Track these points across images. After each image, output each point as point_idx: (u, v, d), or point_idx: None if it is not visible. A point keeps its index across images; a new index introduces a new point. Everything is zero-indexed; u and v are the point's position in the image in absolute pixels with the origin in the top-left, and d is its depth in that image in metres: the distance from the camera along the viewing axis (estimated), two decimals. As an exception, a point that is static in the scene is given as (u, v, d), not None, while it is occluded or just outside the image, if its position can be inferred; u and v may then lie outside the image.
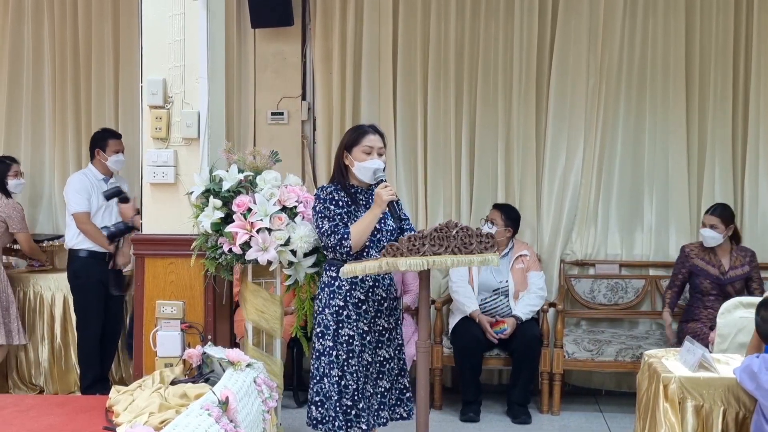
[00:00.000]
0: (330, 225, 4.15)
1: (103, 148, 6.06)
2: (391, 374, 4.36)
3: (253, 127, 6.84)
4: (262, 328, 4.56)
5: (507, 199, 6.54)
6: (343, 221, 4.17)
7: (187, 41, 4.66)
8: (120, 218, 5.94)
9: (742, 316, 4.37)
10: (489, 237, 4.05)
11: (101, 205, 6.01)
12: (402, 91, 6.66)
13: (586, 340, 6.10)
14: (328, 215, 4.16)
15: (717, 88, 6.46)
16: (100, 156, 6.06)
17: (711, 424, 3.72)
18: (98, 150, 6.07)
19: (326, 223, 4.16)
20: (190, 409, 3.22)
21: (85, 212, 5.93)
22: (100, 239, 5.93)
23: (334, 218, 4.16)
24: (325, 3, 6.67)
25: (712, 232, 5.77)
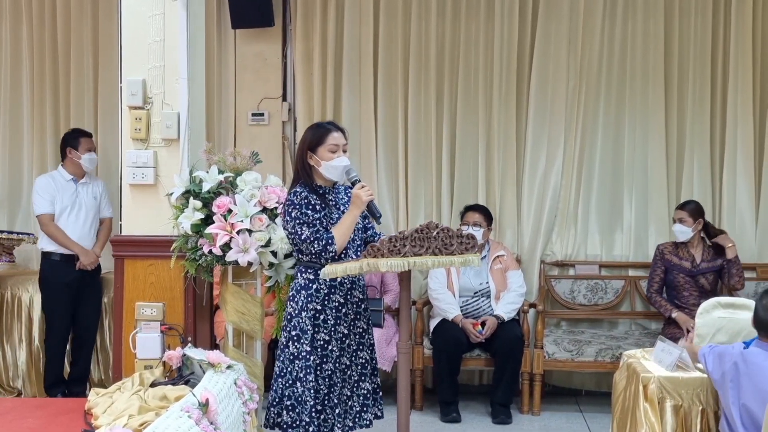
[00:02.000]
0: (311, 231, 4.09)
1: (75, 146, 6.02)
2: (369, 375, 4.35)
3: (234, 128, 6.82)
4: (242, 329, 4.55)
5: (488, 200, 6.55)
6: (323, 225, 4.13)
7: (167, 42, 4.65)
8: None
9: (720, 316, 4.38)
10: (470, 238, 4.06)
11: (66, 205, 5.97)
12: (383, 91, 6.66)
13: (566, 340, 6.12)
14: (307, 221, 4.10)
15: (695, 89, 6.50)
16: (72, 155, 6.02)
17: (690, 423, 3.75)
18: (70, 149, 6.03)
19: (306, 230, 4.09)
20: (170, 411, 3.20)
21: (47, 214, 5.90)
22: (64, 240, 5.90)
23: (314, 223, 4.10)
24: (306, 4, 6.66)
25: (681, 226, 5.88)
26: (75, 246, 5.94)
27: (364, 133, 6.61)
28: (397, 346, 4.28)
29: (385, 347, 5.94)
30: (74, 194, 6.01)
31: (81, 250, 5.95)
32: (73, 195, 6.01)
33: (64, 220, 5.95)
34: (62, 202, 5.95)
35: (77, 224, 5.99)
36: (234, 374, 3.90)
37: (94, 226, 6.11)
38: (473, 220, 6.10)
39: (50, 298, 5.98)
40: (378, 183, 6.62)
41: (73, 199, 6.00)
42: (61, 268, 5.93)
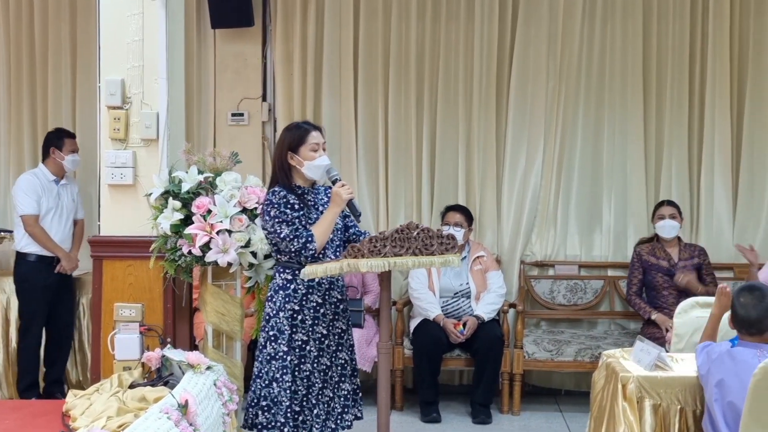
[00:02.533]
0: (290, 230, 4.09)
1: (59, 147, 5.99)
2: (349, 376, 4.35)
3: (213, 128, 6.80)
4: (222, 330, 4.54)
5: (468, 201, 6.56)
6: (302, 224, 4.13)
7: (146, 41, 4.63)
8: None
9: (698, 316, 4.42)
10: (450, 238, 4.06)
11: (51, 207, 5.93)
12: (363, 92, 6.66)
13: (545, 340, 6.14)
14: (286, 220, 4.10)
15: (674, 90, 6.54)
16: (55, 155, 5.99)
17: (669, 422, 3.77)
18: (53, 149, 5.99)
19: (285, 228, 4.09)
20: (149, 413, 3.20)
21: (33, 215, 5.84)
22: (48, 243, 5.85)
23: (293, 222, 4.10)
24: (286, 4, 6.65)
25: (673, 222, 5.96)
26: (59, 250, 5.90)
27: (345, 134, 6.61)
28: (378, 346, 4.28)
29: (366, 348, 5.94)
30: (57, 196, 5.98)
31: (64, 254, 5.93)
32: (56, 196, 5.98)
33: (48, 222, 5.90)
34: (47, 203, 5.91)
35: (60, 226, 5.96)
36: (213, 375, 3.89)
37: (71, 229, 6.09)
38: (454, 220, 6.11)
39: (28, 300, 5.92)
40: (358, 184, 6.61)
41: (56, 201, 5.96)
42: (40, 269, 5.88)
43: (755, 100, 6.49)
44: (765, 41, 6.45)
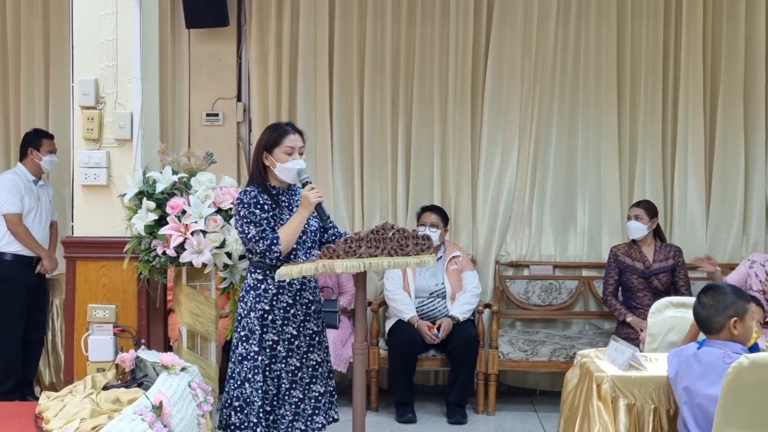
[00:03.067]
0: (257, 230, 4.08)
1: (37, 147, 5.96)
2: (322, 377, 4.35)
3: (188, 129, 6.78)
4: (196, 331, 4.52)
5: (443, 201, 6.57)
6: (270, 225, 4.11)
7: (120, 41, 4.60)
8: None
9: (672, 316, 4.46)
10: (425, 239, 4.07)
11: (32, 207, 5.90)
12: (338, 92, 6.65)
13: (520, 340, 6.16)
14: (254, 220, 4.09)
15: (647, 91, 6.58)
16: (33, 155, 5.96)
17: (643, 422, 3.80)
18: (32, 149, 5.96)
19: (253, 229, 4.08)
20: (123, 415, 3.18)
21: (17, 213, 5.81)
22: (30, 242, 5.82)
23: (261, 223, 4.09)
24: (261, 4, 6.63)
25: (637, 223, 5.94)
26: (41, 249, 5.88)
27: (320, 134, 6.60)
28: (353, 347, 4.27)
29: (341, 348, 5.93)
30: (37, 196, 5.95)
31: (46, 253, 5.91)
32: (36, 197, 5.95)
33: (29, 222, 5.88)
34: (29, 203, 5.88)
35: (40, 227, 5.94)
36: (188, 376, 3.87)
37: (49, 230, 6.07)
38: (430, 221, 6.11)
39: (8, 300, 5.87)
40: (333, 184, 6.61)
41: (36, 201, 5.94)
42: (18, 269, 5.85)
43: (728, 102, 6.53)
44: (737, 43, 6.51)
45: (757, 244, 6.53)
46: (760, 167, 6.56)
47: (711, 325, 3.68)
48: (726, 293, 3.69)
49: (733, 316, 3.63)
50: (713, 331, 3.68)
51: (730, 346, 3.58)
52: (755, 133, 6.55)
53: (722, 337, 3.64)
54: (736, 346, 3.60)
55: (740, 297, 3.71)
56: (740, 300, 3.69)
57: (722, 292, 3.70)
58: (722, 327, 3.64)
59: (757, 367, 3.28)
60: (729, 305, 3.65)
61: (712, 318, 3.67)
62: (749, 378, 3.28)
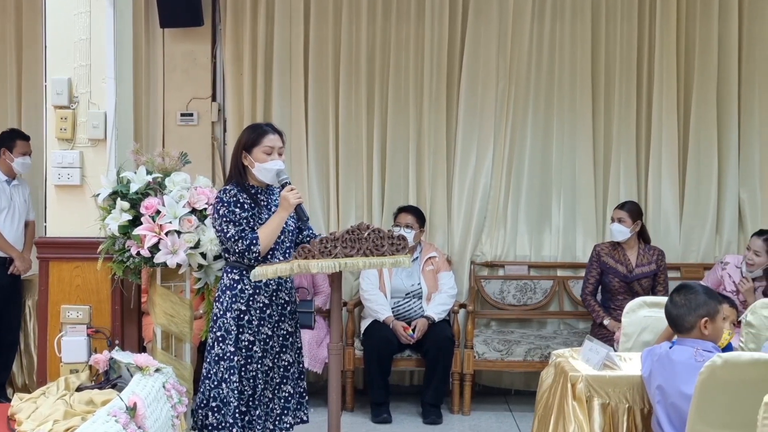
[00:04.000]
0: (237, 230, 4.08)
1: (10, 148, 5.92)
2: (293, 378, 4.35)
3: (162, 129, 6.74)
4: (171, 332, 4.50)
5: (418, 201, 6.58)
6: (249, 225, 4.12)
7: (94, 40, 4.57)
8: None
9: (646, 315, 4.49)
10: (400, 239, 4.08)
11: (4, 207, 5.85)
12: (313, 92, 6.64)
13: (495, 340, 6.18)
14: (233, 219, 4.10)
15: (622, 91, 6.62)
16: (5, 156, 5.92)
17: (617, 421, 3.82)
18: (5, 150, 5.93)
19: (232, 228, 4.09)
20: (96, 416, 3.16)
21: None
22: (1, 242, 5.77)
23: (240, 222, 4.10)
24: (236, 4, 6.61)
25: (620, 226, 5.93)
26: (12, 250, 5.83)
27: (295, 134, 6.58)
28: (328, 347, 4.28)
29: (316, 349, 5.93)
30: (9, 196, 5.91)
31: (18, 254, 5.86)
32: (9, 197, 5.90)
33: (0, 222, 5.82)
34: (1, 203, 5.83)
35: (12, 227, 5.89)
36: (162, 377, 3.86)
37: (23, 230, 6.02)
38: (405, 221, 6.12)
39: None
40: (309, 184, 6.60)
41: (8, 202, 5.89)
42: None
43: (701, 102, 6.58)
44: (711, 43, 6.56)
45: (729, 244, 6.58)
46: (732, 167, 6.61)
47: (682, 324, 3.72)
48: (698, 293, 3.73)
49: (704, 316, 3.67)
50: (684, 330, 3.71)
51: (701, 345, 3.62)
52: (728, 133, 6.60)
53: (692, 336, 3.68)
54: (707, 344, 3.64)
55: (712, 297, 3.75)
56: (712, 300, 3.73)
57: (694, 292, 3.74)
58: (693, 326, 3.68)
59: (729, 366, 3.30)
60: (700, 305, 3.69)
61: (683, 317, 3.70)
62: (722, 377, 3.30)
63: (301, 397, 4.40)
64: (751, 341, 4.16)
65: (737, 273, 5.79)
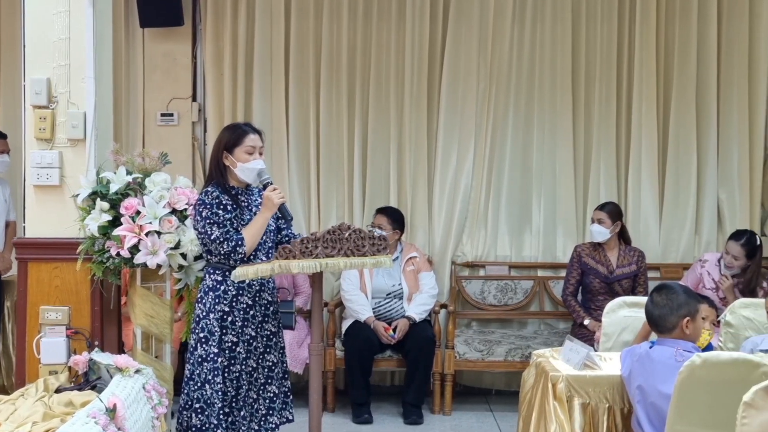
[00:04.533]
0: (221, 231, 4.07)
1: None
2: (277, 378, 4.34)
3: (142, 129, 6.71)
4: (151, 332, 4.48)
5: (399, 201, 6.59)
6: (233, 226, 4.11)
7: (73, 39, 4.55)
8: None
9: (626, 315, 4.51)
10: (381, 239, 4.08)
11: None
12: (294, 92, 6.63)
13: (476, 340, 6.19)
14: (217, 221, 4.08)
15: (602, 93, 6.64)
16: None
17: (597, 420, 3.84)
18: None
19: (216, 230, 4.07)
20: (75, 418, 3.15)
21: None
22: None
23: (224, 224, 4.09)
24: (216, 3, 6.59)
25: (599, 227, 5.95)
26: None
27: (276, 134, 6.57)
28: (309, 347, 4.27)
29: (297, 349, 5.92)
30: None
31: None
32: None
33: None
34: None
35: None
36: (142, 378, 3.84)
37: (3, 229, 5.97)
38: (378, 223, 6.12)
39: None
40: (290, 184, 6.59)
41: None
42: None
43: (680, 104, 6.62)
44: (690, 45, 6.59)
45: (709, 244, 6.62)
46: (711, 168, 6.65)
47: (664, 324, 3.73)
48: (678, 293, 3.76)
49: (686, 315, 3.70)
50: (665, 330, 3.73)
51: (681, 345, 3.65)
52: (707, 134, 6.64)
53: (674, 336, 3.70)
54: (687, 344, 3.66)
55: (691, 297, 3.79)
56: (691, 300, 3.76)
57: (675, 292, 3.77)
58: (675, 326, 3.70)
59: (709, 365, 3.32)
60: (682, 305, 3.71)
61: (665, 317, 3.72)
62: (701, 376, 3.32)
63: (285, 397, 4.40)
64: (730, 341, 4.19)
65: (716, 270, 5.84)
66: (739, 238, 5.76)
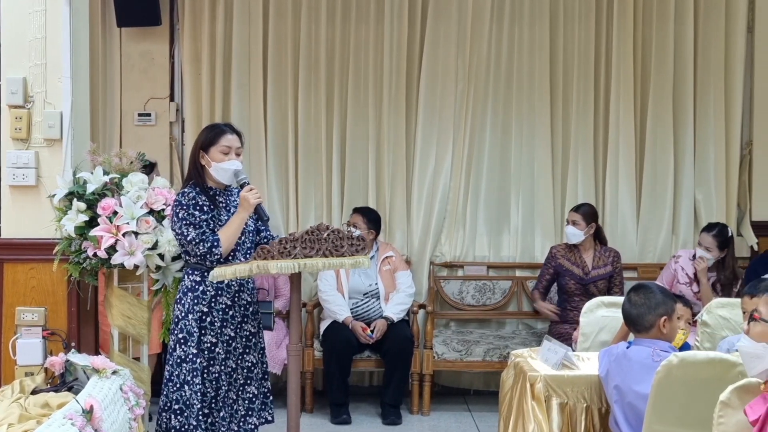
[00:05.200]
0: (197, 233, 4.06)
1: None
2: (257, 379, 4.33)
3: (120, 129, 6.67)
4: (128, 333, 4.47)
5: (378, 201, 6.59)
6: (210, 227, 4.10)
7: (49, 39, 4.53)
8: None
9: (604, 315, 4.52)
10: (360, 240, 4.08)
11: None
12: (273, 92, 6.62)
13: (455, 340, 6.20)
14: (193, 222, 4.07)
15: (579, 93, 6.67)
16: None
17: (575, 420, 3.85)
18: None
19: (192, 231, 4.06)
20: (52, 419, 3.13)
21: None
22: None
23: (201, 225, 4.08)
24: (194, 3, 6.56)
25: (574, 229, 5.97)
26: None
27: (254, 135, 6.56)
28: (287, 348, 4.26)
29: (276, 350, 5.91)
30: None
31: None
32: None
33: None
34: None
35: None
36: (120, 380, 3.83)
37: None
38: (352, 221, 6.12)
39: None
40: (268, 184, 6.57)
41: None
42: None
43: (657, 104, 6.65)
44: (667, 46, 6.63)
45: (686, 243, 6.65)
46: (688, 168, 6.69)
47: (641, 323, 3.75)
48: (655, 293, 3.78)
49: (663, 314, 3.72)
50: (643, 329, 3.75)
51: (658, 345, 3.66)
52: (684, 134, 6.68)
53: (651, 336, 3.72)
54: (663, 344, 3.68)
55: (667, 296, 3.81)
56: (668, 299, 3.79)
57: (652, 291, 3.79)
58: (652, 325, 3.72)
59: (685, 365, 3.34)
60: (659, 304, 3.74)
61: (643, 316, 3.74)
62: (678, 376, 3.34)
63: (265, 398, 4.39)
64: (706, 340, 4.22)
65: (690, 265, 5.90)
66: (711, 229, 5.89)
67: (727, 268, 5.88)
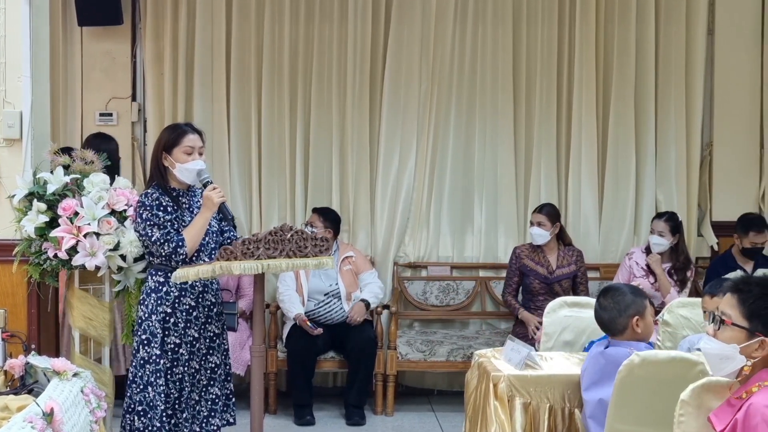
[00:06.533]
0: (161, 233, 4.04)
1: None
2: (220, 380, 4.32)
3: (81, 129, 6.61)
4: (89, 335, 4.43)
5: (341, 202, 6.58)
6: (174, 227, 4.08)
7: (9, 37, 4.48)
8: None
9: (566, 315, 4.55)
10: (323, 240, 4.08)
11: None
12: (236, 92, 6.59)
13: (418, 341, 6.21)
14: (157, 223, 4.05)
15: (542, 93, 6.70)
16: None
17: (538, 420, 3.87)
18: None
19: (157, 232, 4.05)
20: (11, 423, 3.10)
21: None
22: None
23: (165, 225, 4.06)
24: (156, 2, 6.51)
25: (539, 230, 6.01)
26: None
27: (217, 135, 6.52)
28: (251, 349, 4.25)
29: (239, 351, 5.88)
30: None
31: None
32: None
33: None
34: None
35: None
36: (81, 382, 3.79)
37: None
38: (310, 220, 6.15)
39: None
40: (231, 184, 6.55)
41: None
42: None
43: (619, 105, 6.70)
44: (629, 46, 6.68)
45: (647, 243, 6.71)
46: (650, 168, 6.75)
47: (614, 326, 3.76)
48: (624, 293, 3.79)
49: (635, 314, 3.73)
50: (617, 332, 3.76)
51: (635, 346, 3.66)
52: (645, 135, 6.73)
53: (626, 338, 3.73)
54: (640, 345, 3.69)
55: (638, 295, 3.81)
56: (639, 298, 3.79)
57: (621, 293, 3.80)
58: (625, 327, 3.73)
59: (647, 364, 3.37)
60: (629, 305, 3.74)
61: (614, 319, 3.75)
62: (640, 375, 3.37)
63: (227, 399, 4.37)
64: (668, 339, 4.26)
65: (642, 257, 6.01)
66: (661, 216, 6.07)
67: (681, 253, 6.03)
